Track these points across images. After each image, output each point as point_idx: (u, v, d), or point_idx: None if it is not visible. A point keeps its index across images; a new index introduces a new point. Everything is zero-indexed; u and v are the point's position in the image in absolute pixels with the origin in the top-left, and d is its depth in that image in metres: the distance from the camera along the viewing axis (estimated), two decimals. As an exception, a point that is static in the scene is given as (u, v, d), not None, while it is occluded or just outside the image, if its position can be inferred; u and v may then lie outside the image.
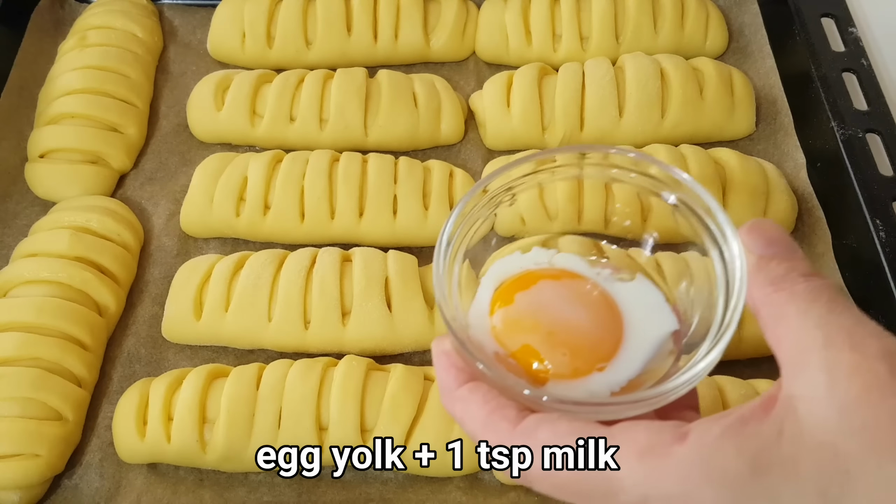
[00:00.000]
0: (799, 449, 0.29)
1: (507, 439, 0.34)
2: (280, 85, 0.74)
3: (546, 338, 0.38)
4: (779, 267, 0.33)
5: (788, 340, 0.31)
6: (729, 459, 0.29)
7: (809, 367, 0.30)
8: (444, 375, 0.37)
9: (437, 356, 0.38)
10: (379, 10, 0.79)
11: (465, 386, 0.36)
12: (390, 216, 0.67)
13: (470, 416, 0.35)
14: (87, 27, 0.79)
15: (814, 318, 0.31)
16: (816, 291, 0.32)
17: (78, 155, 0.72)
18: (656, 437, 0.31)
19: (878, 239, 0.62)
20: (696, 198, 0.39)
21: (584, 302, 0.40)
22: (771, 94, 0.77)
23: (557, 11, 0.79)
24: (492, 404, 0.35)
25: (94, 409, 0.61)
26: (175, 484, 0.58)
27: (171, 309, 0.63)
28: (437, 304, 0.38)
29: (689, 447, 0.30)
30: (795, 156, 0.72)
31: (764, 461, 0.29)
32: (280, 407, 0.56)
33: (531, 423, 0.34)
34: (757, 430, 0.30)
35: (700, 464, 0.30)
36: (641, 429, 0.32)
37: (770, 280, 0.33)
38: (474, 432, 0.35)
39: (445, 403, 0.37)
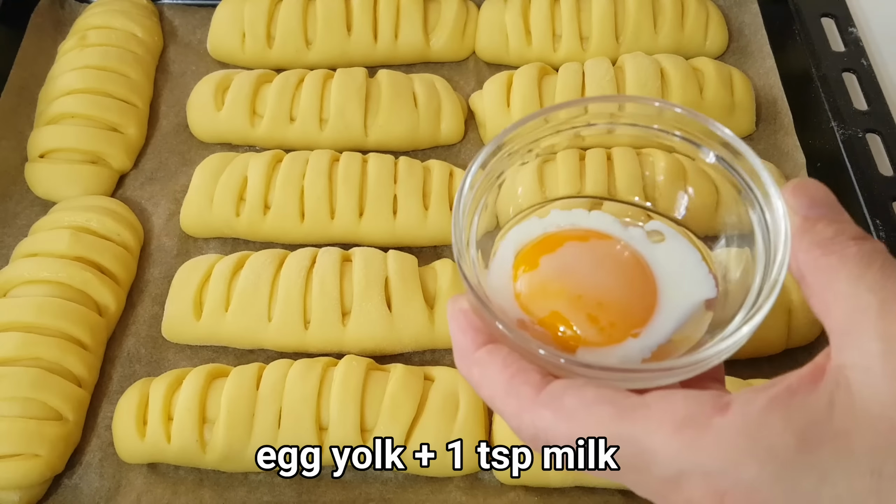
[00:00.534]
0: (852, 423, 0.27)
1: (530, 406, 0.31)
2: (280, 85, 0.74)
3: (575, 302, 0.35)
4: (827, 229, 0.31)
5: (839, 307, 0.29)
6: (775, 432, 0.27)
7: (863, 335, 0.28)
8: (461, 337, 0.34)
9: (452, 315, 0.35)
10: (379, 10, 0.79)
11: (484, 348, 0.33)
12: (390, 216, 0.67)
13: (489, 380, 0.32)
14: (87, 27, 0.79)
15: (867, 283, 0.29)
16: (869, 255, 0.30)
17: (78, 155, 0.72)
18: (695, 408, 0.29)
19: (877, 239, 0.62)
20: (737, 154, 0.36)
21: (615, 264, 0.37)
22: (771, 94, 0.77)
23: (557, 11, 0.79)
24: (513, 368, 0.32)
25: (94, 409, 0.61)
26: (175, 484, 0.58)
27: (171, 309, 0.63)
28: (456, 259, 0.34)
29: (731, 419, 0.28)
30: (795, 156, 0.72)
31: (814, 435, 0.27)
32: (280, 407, 0.56)
33: (557, 388, 0.31)
34: (805, 402, 0.28)
35: (743, 437, 0.28)
36: (678, 398, 0.29)
37: (817, 242, 0.30)
38: (493, 398, 0.32)
39: (461, 367, 0.34)
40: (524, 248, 0.38)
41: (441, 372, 0.59)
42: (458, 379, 0.59)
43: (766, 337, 0.61)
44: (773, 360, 0.61)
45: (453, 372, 0.59)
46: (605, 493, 0.56)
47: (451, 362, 0.63)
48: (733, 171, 0.36)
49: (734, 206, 0.37)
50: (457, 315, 0.34)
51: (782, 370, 0.64)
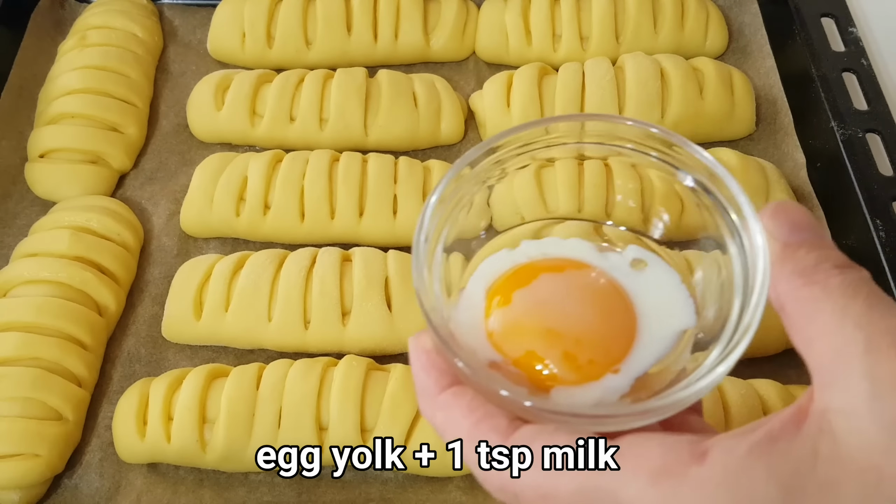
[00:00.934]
0: (838, 473, 0.25)
1: None
2: (280, 85, 0.74)
3: (551, 340, 0.33)
4: (808, 256, 0.29)
5: (822, 343, 0.27)
6: (757, 484, 0.26)
7: (849, 375, 0.26)
8: (424, 377, 0.32)
9: (414, 354, 0.33)
10: (379, 10, 0.79)
11: (448, 391, 0.31)
12: (390, 216, 0.67)
13: (453, 425, 0.31)
14: (87, 27, 0.79)
15: (853, 317, 0.27)
16: (854, 286, 0.27)
17: (78, 155, 0.72)
18: (671, 456, 0.27)
19: (878, 239, 0.62)
20: (714, 178, 0.34)
21: (592, 296, 0.35)
22: (771, 94, 0.77)
23: (557, 11, 0.79)
24: (479, 413, 0.30)
25: (94, 409, 0.61)
26: (175, 484, 0.58)
27: (171, 309, 0.63)
28: (416, 293, 0.32)
29: (710, 468, 0.26)
30: (795, 156, 0.72)
31: (798, 487, 0.25)
32: (280, 407, 0.56)
33: (525, 435, 0.29)
34: (788, 450, 0.26)
35: (723, 488, 0.26)
36: (654, 445, 0.28)
37: (799, 271, 0.28)
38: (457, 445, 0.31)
39: (424, 410, 0.32)
40: (495, 282, 0.36)
41: (441, 372, 0.59)
42: (458, 379, 0.59)
43: (765, 337, 0.61)
44: (773, 359, 0.61)
45: (453, 372, 0.59)
46: (605, 493, 0.56)
47: (451, 362, 0.63)
48: (711, 195, 0.35)
49: (713, 232, 0.35)
50: (419, 354, 0.32)
51: (782, 370, 0.64)
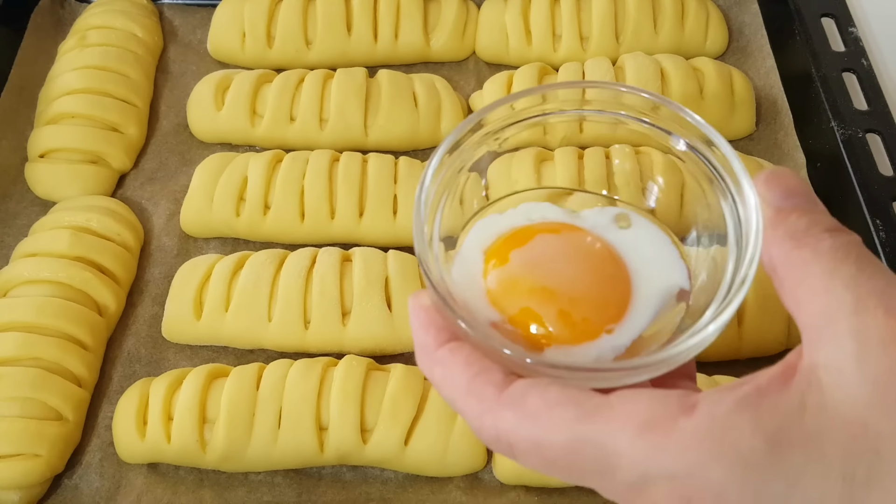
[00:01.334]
0: (823, 425, 0.26)
1: (492, 407, 0.30)
2: (280, 85, 0.74)
3: (547, 298, 0.34)
4: (800, 220, 0.30)
5: (812, 303, 0.28)
6: (743, 435, 0.26)
7: (837, 333, 0.27)
8: (423, 334, 0.32)
9: (414, 312, 0.33)
10: (379, 10, 0.79)
11: (446, 346, 0.32)
12: (390, 216, 0.67)
13: (450, 380, 0.31)
14: (87, 27, 0.79)
15: (842, 278, 0.27)
16: (844, 248, 0.28)
17: (78, 155, 0.72)
18: (660, 409, 0.28)
19: (878, 239, 0.62)
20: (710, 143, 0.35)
21: (588, 257, 0.36)
22: (771, 94, 0.77)
23: (557, 11, 0.79)
24: (475, 367, 0.31)
25: (94, 409, 0.61)
26: (175, 484, 0.58)
27: (171, 309, 0.63)
28: (417, 254, 0.33)
29: (698, 420, 0.27)
30: (795, 156, 0.72)
31: (784, 438, 0.26)
32: (280, 407, 0.56)
33: (519, 388, 0.30)
34: (776, 403, 0.27)
35: (710, 439, 0.26)
36: (643, 399, 0.28)
37: (790, 235, 0.29)
38: (454, 398, 0.31)
39: (422, 365, 0.33)
40: (493, 243, 0.37)
41: (441, 372, 0.59)
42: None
43: (766, 337, 0.61)
44: (773, 359, 0.60)
45: (453, 372, 0.59)
46: (605, 493, 0.56)
47: (451, 362, 0.63)
48: (705, 160, 0.35)
49: (705, 197, 0.36)
50: (418, 312, 0.33)
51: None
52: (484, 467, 0.58)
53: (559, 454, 0.29)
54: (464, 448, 0.56)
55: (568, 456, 0.29)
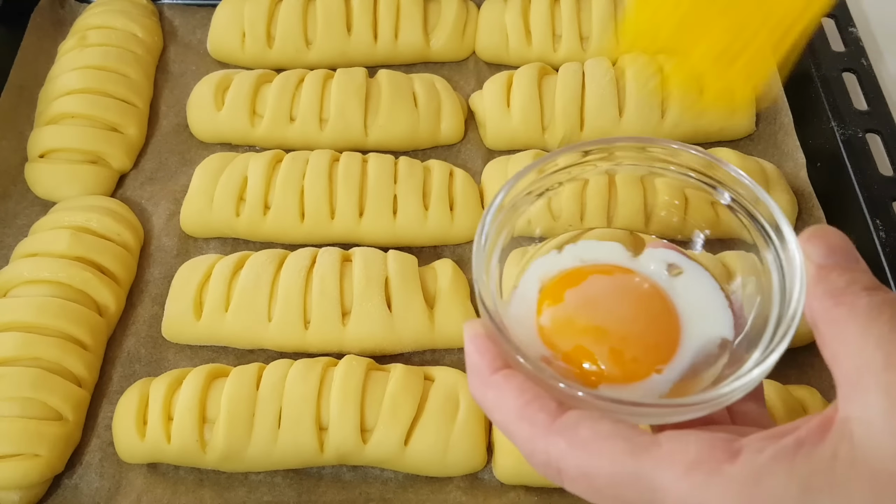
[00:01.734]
0: (852, 474, 0.28)
1: (544, 433, 0.31)
2: (280, 85, 0.74)
3: (599, 337, 0.35)
4: (840, 278, 0.31)
5: (846, 359, 0.30)
6: (779, 482, 0.28)
7: (868, 389, 0.29)
8: (478, 359, 0.34)
9: (469, 338, 0.35)
10: (379, 10, 0.79)
11: (500, 372, 0.34)
12: (390, 216, 0.67)
13: (504, 404, 0.33)
14: (87, 27, 0.79)
15: (874, 336, 0.29)
16: (879, 307, 0.30)
17: (78, 155, 0.72)
18: (707, 453, 0.30)
19: (878, 239, 0.62)
20: (753, 197, 0.37)
21: (640, 298, 0.37)
22: (771, 94, 0.77)
23: (557, 11, 0.79)
24: (529, 394, 0.32)
25: (94, 409, 0.61)
26: (175, 484, 0.58)
27: (171, 309, 0.63)
28: (475, 285, 0.35)
29: (740, 467, 0.29)
30: (795, 156, 0.72)
31: (815, 485, 0.28)
32: (280, 407, 0.56)
33: (572, 417, 0.31)
34: (811, 453, 0.29)
35: (749, 485, 0.29)
36: (691, 441, 0.30)
37: (830, 292, 0.31)
38: (507, 422, 0.33)
39: (475, 388, 0.34)
40: (548, 281, 0.38)
41: (441, 372, 0.59)
42: (459, 379, 0.59)
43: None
44: (779, 364, 0.61)
45: (453, 372, 0.59)
46: (606, 493, 0.56)
47: (452, 362, 0.63)
48: (745, 213, 0.37)
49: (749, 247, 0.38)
50: (474, 338, 0.35)
51: (782, 370, 0.64)
52: (484, 467, 0.58)
53: (606, 484, 0.30)
54: (464, 448, 0.56)
55: (615, 487, 0.30)
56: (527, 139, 0.73)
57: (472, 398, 0.57)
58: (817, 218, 0.68)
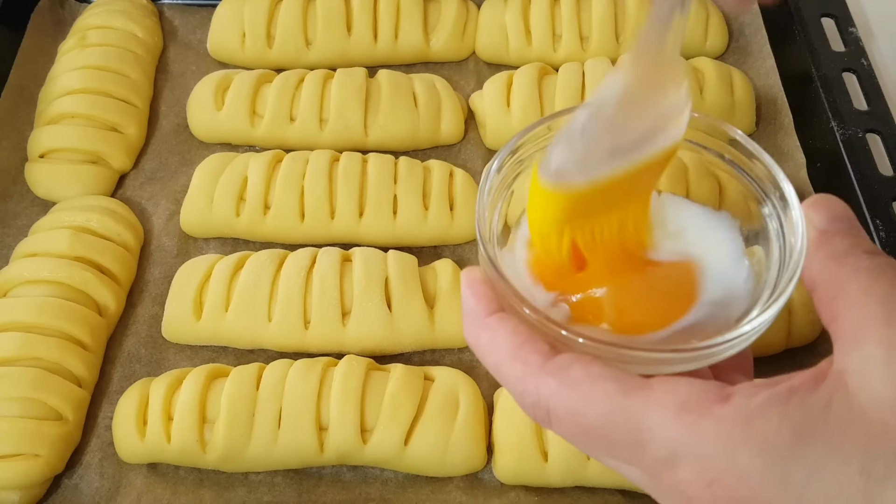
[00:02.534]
0: (846, 423, 0.28)
1: (536, 372, 0.32)
2: (280, 85, 0.74)
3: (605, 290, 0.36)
4: (842, 242, 0.32)
5: (847, 316, 0.30)
6: (771, 425, 0.28)
7: (867, 341, 0.29)
8: (473, 302, 0.34)
9: (466, 282, 0.35)
10: (379, 10, 0.79)
11: (495, 315, 0.34)
12: (390, 216, 0.67)
13: (497, 345, 0.33)
14: (87, 27, 0.79)
15: (876, 294, 0.30)
16: (881, 268, 0.31)
17: (78, 155, 0.72)
18: (697, 395, 0.30)
19: (878, 239, 0.62)
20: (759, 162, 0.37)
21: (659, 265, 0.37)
22: (771, 94, 0.77)
23: (557, 11, 0.79)
24: (523, 335, 0.33)
25: (94, 409, 0.61)
26: (175, 484, 0.58)
27: (171, 309, 0.63)
28: (476, 224, 0.35)
29: (731, 409, 0.29)
30: (795, 156, 0.72)
31: (808, 431, 0.28)
32: (280, 407, 0.56)
33: (564, 359, 0.32)
34: (804, 400, 0.29)
35: (740, 426, 0.29)
36: (682, 384, 0.30)
37: (832, 254, 0.32)
38: (499, 362, 0.33)
39: (469, 331, 0.35)
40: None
41: (441, 372, 0.59)
42: (459, 379, 0.59)
43: (766, 337, 0.60)
44: (773, 359, 0.61)
45: (453, 372, 0.60)
46: (606, 493, 0.56)
47: (452, 362, 0.63)
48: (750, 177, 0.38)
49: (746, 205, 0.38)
50: (471, 282, 0.35)
51: (782, 370, 0.64)
52: (484, 467, 0.58)
53: (595, 424, 0.31)
54: (464, 448, 0.56)
55: (603, 427, 0.30)
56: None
57: (472, 398, 0.57)
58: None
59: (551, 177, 0.34)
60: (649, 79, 0.35)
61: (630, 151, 0.34)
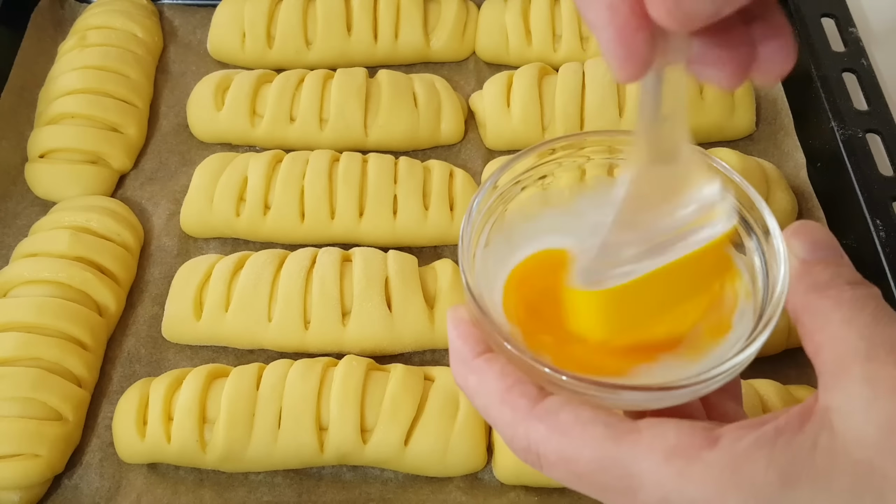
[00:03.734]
0: (832, 463, 0.28)
1: (525, 417, 0.32)
2: (280, 85, 0.74)
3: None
4: (824, 272, 0.32)
5: (829, 350, 0.30)
6: (758, 469, 0.28)
7: (850, 379, 0.29)
8: (461, 344, 0.34)
9: (452, 323, 0.35)
10: (379, 10, 0.79)
11: (482, 357, 0.34)
12: (390, 216, 0.67)
13: (485, 389, 0.33)
14: (87, 27, 0.79)
15: (858, 327, 0.30)
16: (862, 300, 0.30)
17: (78, 155, 0.72)
18: (686, 439, 0.30)
19: (878, 239, 0.62)
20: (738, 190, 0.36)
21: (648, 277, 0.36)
22: (771, 94, 0.77)
23: (557, 11, 0.79)
24: (510, 379, 0.32)
25: (94, 409, 0.61)
26: (175, 484, 0.58)
27: (171, 309, 0.63)
28: (461, 269, 0.35)
29: (719, 453, 0.29)
30: (795, 156, 0.72)
31: (794, 474, 0.28)
32: (280, 407, 0.56)
33: (553, 403, 0.31)
34: (791, 441, 0.29)
35: (728, 471, 0.29)
36: (670, 428, 0.30)
37: (814, 285, 0.31)
38: (488, 406, 0.33)
39: (458, 374, 0.35)
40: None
41: (441, 372, 0.60)
42: (458, 379, 0.59)
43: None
44: (774, 359, 0.61)
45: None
46: (606, 493, 0.56)
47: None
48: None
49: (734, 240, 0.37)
50: (457, 323, 0.35)
51: (782, 370, 0.64)
52: (484, 467, 0.58)
53: (586, 469, 0.30)
54: (464, 448, 0.56)
55: (594, 473, 0.30)
56: (527, 139, 0.73)
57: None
58: (817, 218, 0.68)
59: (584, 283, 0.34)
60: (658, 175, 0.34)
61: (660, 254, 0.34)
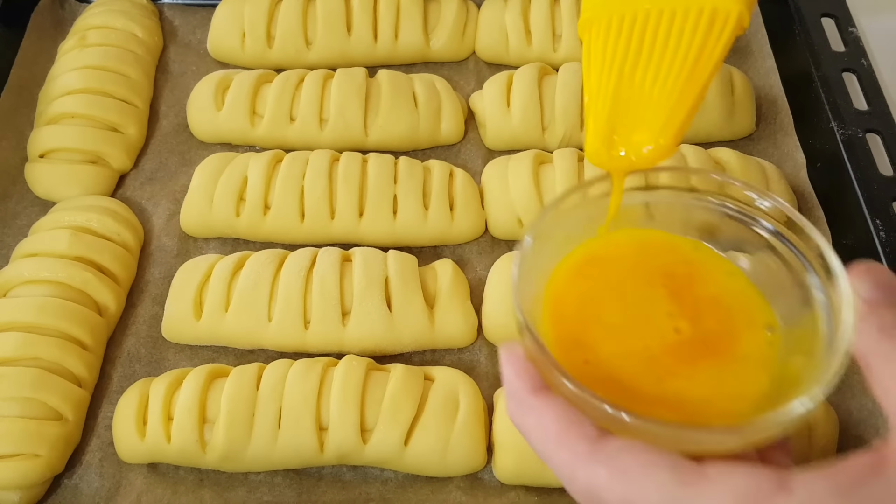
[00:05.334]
0: None
1: (585, 461, 0.31)
2: (280, 85, 0.74)
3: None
4: (888, 314, 0.32)
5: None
6: None
7: None
8: (517, 381, 0.34)
9: (507, 360, 0.35)
10: (379, 10, 0.79)
11: (539, 395, 0.33)
12: (390, 216, 0.67)
13: (542, 429, 0.32)
14: (87, 27, 0.79)
15: None
16: None
17: (78, 155, 0.72)
18: (755, 484, 0.29)
19: (878, 239, 0.62)
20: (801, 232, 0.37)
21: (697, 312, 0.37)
22: (771, 94, 0.77)
23: (557, 11, 0.79)
24: (568, 420, 0.32)
25: (94, 409, 0.61)
26: (175, 484, 0.58)
27: (171, 309, 0.63)
28: (515, 306, 0.34)
29: (795, 500, 0.28)
30: (795, 156, 0.72)
31: None
32: (280, 407, 0.56)
33: (614, 446, 0.31)
34: (870, 493, 0.28)
35: None
36: (739, 474, 0.30)
37: (879, 327, 0.31)
38: (546, 447, 0.32)
39: (514, 412, 0.34)
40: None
41: (441, 372, 0.59)
42: (459, 379, 0.59)
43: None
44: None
45: (453, 372, 0.59)
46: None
47: (451, 362, 0.63)
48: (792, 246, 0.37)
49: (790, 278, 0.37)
50: (513, 360, 0.34)
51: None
52: (484, 467, 0.58)
53: None
54: (464, 448, 0.56)
55: None
56: (527, 139, 0.73)
57: (472, 398, 0.57)
58: (817, 218, 0.68)
59: None
60: None
61: None
